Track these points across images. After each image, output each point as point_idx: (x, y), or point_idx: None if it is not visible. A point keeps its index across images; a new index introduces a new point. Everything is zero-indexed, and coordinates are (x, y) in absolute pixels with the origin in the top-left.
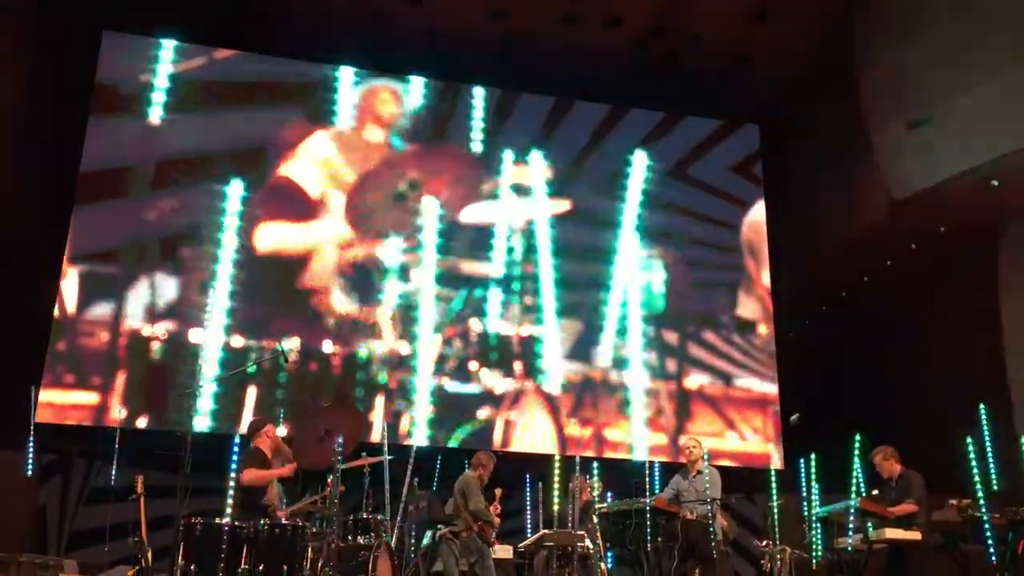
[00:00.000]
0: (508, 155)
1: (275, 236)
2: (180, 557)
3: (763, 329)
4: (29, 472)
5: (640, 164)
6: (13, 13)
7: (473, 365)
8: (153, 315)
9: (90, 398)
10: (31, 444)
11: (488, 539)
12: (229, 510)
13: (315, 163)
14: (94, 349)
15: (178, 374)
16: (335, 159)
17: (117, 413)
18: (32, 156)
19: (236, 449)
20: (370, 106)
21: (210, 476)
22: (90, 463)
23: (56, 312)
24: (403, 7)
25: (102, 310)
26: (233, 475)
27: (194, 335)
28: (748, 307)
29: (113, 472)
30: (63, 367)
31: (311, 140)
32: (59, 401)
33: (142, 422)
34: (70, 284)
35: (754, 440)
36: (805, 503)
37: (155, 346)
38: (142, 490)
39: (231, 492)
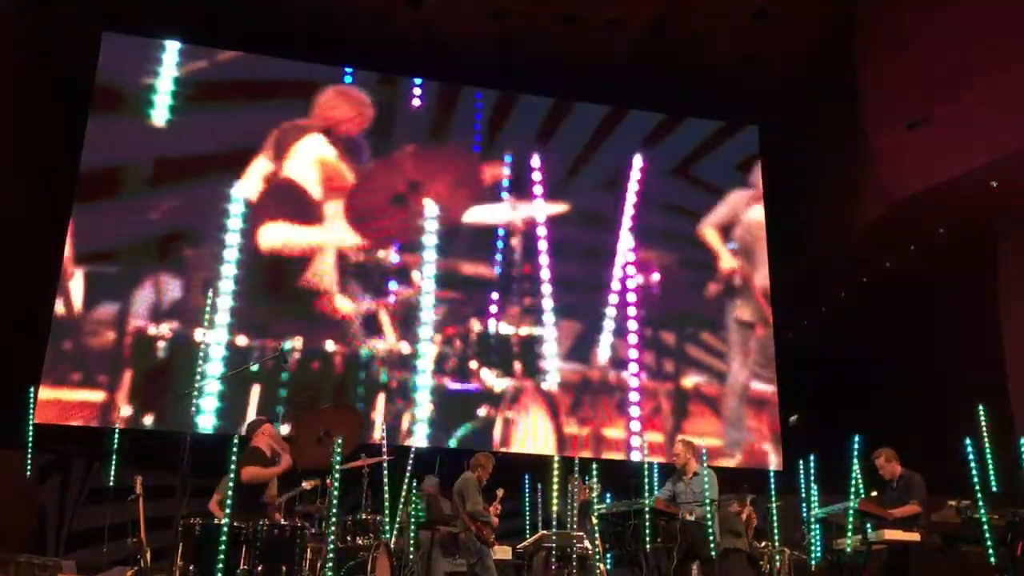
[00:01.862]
0: (508, 157)
1: (277, 236)
2: (179, 557)
3: (759, 330)
4: (28, 472)
5: (638, 167)
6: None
7: (473, 364)
8: (156, 315)
9: (93, 396)
10: (30, 444)
11: (486, 539)
12: (228, 510)
13: (316, 164)
14: (99, 348)
15: (181, 374)
16: (336, 160)
17: (120, 412)
18: (32, 156)
19: (235, 449)
20: (324, 113)
21: (209, 476)
22: (89, 463)
23: (62, 310)
24: (403, 7)
25: (106, 309)
26: (232, 474)
27: (197, 335)
28: (744, 308)
29: (112, 472)
30: (66, 366)
31: (312, 142)
32: (63, 399)
33: (147, 420)
34: (76, 283)
35: (751, 439)
36: (804, 504)
37: (158, 346)
38: (141, 490)
39: (230, 492)
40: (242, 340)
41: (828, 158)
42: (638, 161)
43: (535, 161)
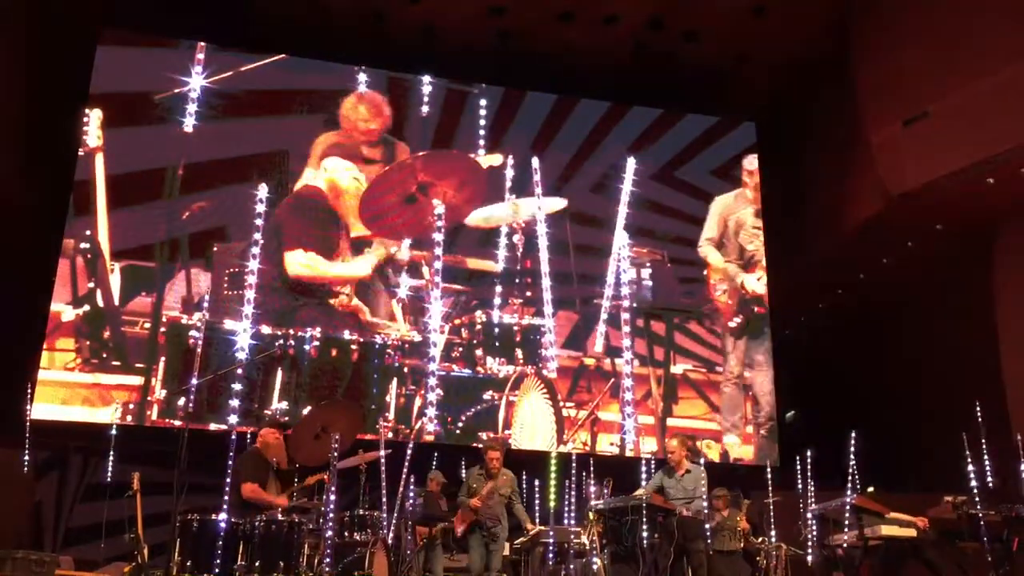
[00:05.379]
0: (509, 159)
1: (297, 235)
2: (176, 553)
3: (736, 320)
4: (25, 468)
5: (631, 168)
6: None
7: (478, 352)
8: (187, 306)
9: (130, 380)
10: (27, 441)
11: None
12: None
13: (333, 167)
14: (134, 336)
15: (211, 363)
16: (352, 163)
17: (114, 410)
18: (39, 158)
19: (232, 447)
20: (350, 121)
21: (206, 473)
22: (86, 460)
23: (101, 303)
24: (402, 4)
25: (141, 301)
26: (230, 475)
27: (194, 330)
28: (734, 301)
29: (109, 469)
30: (107, 353)
31: (329, 145)
32: (101, 383)
33: (180, 402)
34: (114, 278)
35: (738, 425)
36: (801, 500)
37: (189, 336)
38: (138, 487)
39: (227, 488)
40: (266, 330)
41: (825, 154)
42: (634, 158)
43: (535, 161)
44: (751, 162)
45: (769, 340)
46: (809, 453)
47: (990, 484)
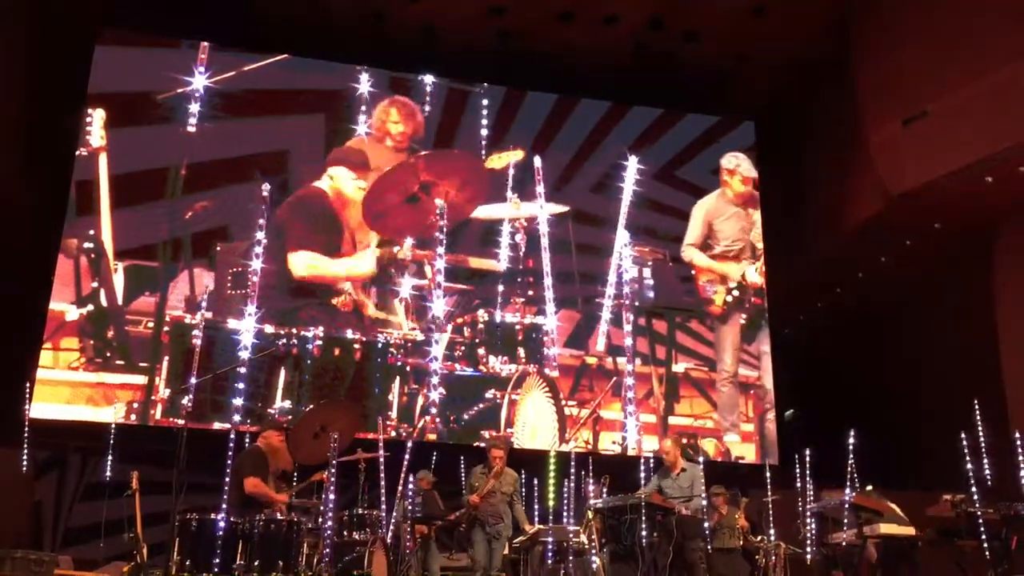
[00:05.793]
0: (513, 159)
1: (299, 236)
2: (175, 552)
3: (742, 319)
4: (24, 468)
5: (632, 168)
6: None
7: (480, 351)
8: (190, 306)
9: (134, 380)
10: (26, 440)
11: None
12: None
13: (336, 166)
14: (137, 336)
15: (213, 361)
16: (354, 163)
17: (115, 409)
18: (39, 158)
19: (231, 445)
20: (382, 123)
21: (206, 472)
22: (85, 459)
23: (105, 302)
24: (402, 4)
25: (145, 300)
26: (230, 473)
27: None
28: (734, 299)
29: (108, 468)
30: (111, 352)
31: (332, 145)
32: (106, 381)
33: (184, 400)
34: (118, 278)
35: (738, 423)
36: (800, 499)
37: (192, 335)
38: (137, 486)
39: (227, 487)
40: (269, 329)
41: (825, 154)
42: (635, 158)
43: (537, 160)
44: (729, 160)
45: (768, 336)
46: (808, 451)
47: (988, 482)
